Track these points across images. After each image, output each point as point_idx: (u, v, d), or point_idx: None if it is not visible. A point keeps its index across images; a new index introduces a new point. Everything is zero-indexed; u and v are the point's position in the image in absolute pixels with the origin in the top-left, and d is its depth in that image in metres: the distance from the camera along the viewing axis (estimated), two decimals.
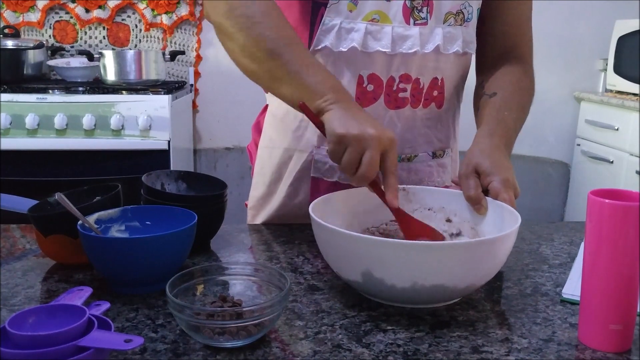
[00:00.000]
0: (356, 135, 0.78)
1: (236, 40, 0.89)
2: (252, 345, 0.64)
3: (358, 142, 0.78)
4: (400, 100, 1.00)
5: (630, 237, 0.62)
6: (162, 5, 2.71)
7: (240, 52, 0.90)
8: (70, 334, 0.55)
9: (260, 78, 0.91)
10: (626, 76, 2.69)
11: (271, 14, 0.89)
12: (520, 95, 1.05)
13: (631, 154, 2.52)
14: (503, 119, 0.99)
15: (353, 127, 0.79)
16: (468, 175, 0.88)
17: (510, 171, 0.89)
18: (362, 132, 0.78)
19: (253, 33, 0.87)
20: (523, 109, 1.05)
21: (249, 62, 0.89)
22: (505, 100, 1.02)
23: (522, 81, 1.07)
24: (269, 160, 1.10)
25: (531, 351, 0.65)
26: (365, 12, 0.95)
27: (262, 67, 0.88)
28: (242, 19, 0.88)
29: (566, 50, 2.95)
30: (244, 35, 0.88)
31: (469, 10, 1.00)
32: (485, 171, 0.87)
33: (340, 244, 0.73)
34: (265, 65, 0.88)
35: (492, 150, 0.91)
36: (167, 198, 0.92)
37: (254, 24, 0.88)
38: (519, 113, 1.02)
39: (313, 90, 0.84)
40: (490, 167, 0.88)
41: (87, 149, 2.23)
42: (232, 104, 2.83)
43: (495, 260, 0.73)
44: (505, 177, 0.86)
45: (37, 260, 0.90)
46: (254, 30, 0.87)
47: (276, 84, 0.89)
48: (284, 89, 0.88)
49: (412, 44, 0.96)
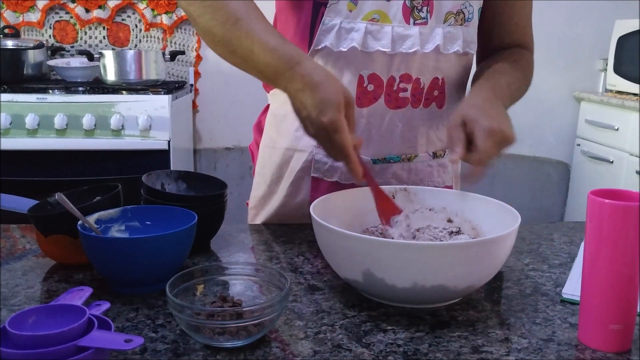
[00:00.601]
0: (311, 120, 0.82)
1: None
2: (252, 345, 0.64)
3: (314, 126, 0.82)
4: (401, 100, 1.00)
5: (630, 237, 0.62)
6: (162, 5, 2.71)
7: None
8: (70, 334, 0.55)
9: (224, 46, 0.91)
10: (626, 76, 2.69)
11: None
12: (515, 68, 1.04)
13: (631, 154, 2.52)
14: (496, 80, 0.99)
15: (304, 110, 0.82)
16: (454, 126, 0.88)
17: (497, 117, 0.88)
18: (310, 116, 0.82)
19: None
20: (518, 79, 1.03)
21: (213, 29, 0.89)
22: (499, 70, 1.02)
23: (519, 60, 1.07)
24: (269, 160, 1.10)
25: (531, 351, 0.65)
26: (365, 11, 0.95)
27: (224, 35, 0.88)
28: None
29: (566, 50, 2.95)
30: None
31: (469, 10, 1.00)
32: (469, 119, 0.87)
33: (340, 244, 0.74)
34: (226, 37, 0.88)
35: (480, 100, 0.91)
36: (167, 198, 0.92)
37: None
38: (513, 80, 1.02)
39: (267, 78, 0.87)
40: (473, 115, 0.87)
41: (87, 149, 2.23)
42: (232, 104, 2.83)
43: (495, 260, 0.73)
44: (488, 125, 0.85)
45: (37, 260, 0.90)
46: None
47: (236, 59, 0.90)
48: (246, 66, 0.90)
49: (412, 44, 0.96)
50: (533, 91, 1.11)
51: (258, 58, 0.84)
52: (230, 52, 0.88)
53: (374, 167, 1.03)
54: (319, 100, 0.80)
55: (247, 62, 0.87)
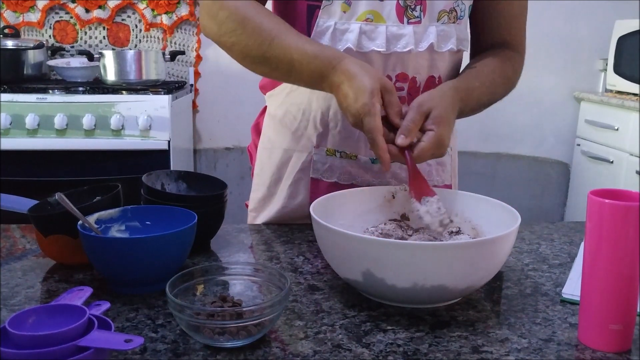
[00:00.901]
0: (349, 109, 0.85)
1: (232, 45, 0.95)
2: (252, 345, 0.64)
3: (352, 115, 0.85)
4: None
5: (630, 237, 0.62)
6: (162, 5, 2.71)
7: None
8: (70, 334, 0.55)
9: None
10: (626, 76, 2.69)
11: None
12: (498, 74, 1.03)
13: (631, 154, 2.52)
14: (471, 87, 0.98)
15: (344, 101, 0.86)
16: (418, 111, 0.88)
17: (451, 131, 0.89)
18: (349, 105, 0.85)
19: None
20: (495, 87, 1.03)
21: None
22: (481, 74, 1.01)
23: (504, 65, 1.06)
24: (268, 161, 1.10)
25: (531, 351, 0.65)
26: (358, 12, 0.95)
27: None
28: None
29: (566, 50, 2.95)
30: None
31: (461, 8, 1.00)
32: (433, 119, 0.87)
33: (340, 244, 0.74)
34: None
35: (451, 105, 0.91)
36: (167, 198, 0.92)
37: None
38: (489, 89, 1.01)
39: (312, 83, 0.91)
40: (438, 118, 0.87)
41: (87, 149, 2.23)
42: (232, 104, 2.83)
43: (495, 260, 0.73)
44: (442, 135, 0.87)
45: (37, 260, 0.90)
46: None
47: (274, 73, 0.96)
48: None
49: (407, 43, 0.96)
50: (533, 91, 1.11)
51: (301, 68, 0.89)
52: (273, 69, 0.94)
53: (373, 166, 1.03)
54: (355, 88, 0.84)
55: (291, 75, 0.92)
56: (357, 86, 0.84)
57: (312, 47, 0.89)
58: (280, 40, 0.90)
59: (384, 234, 0.88)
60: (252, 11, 0.93)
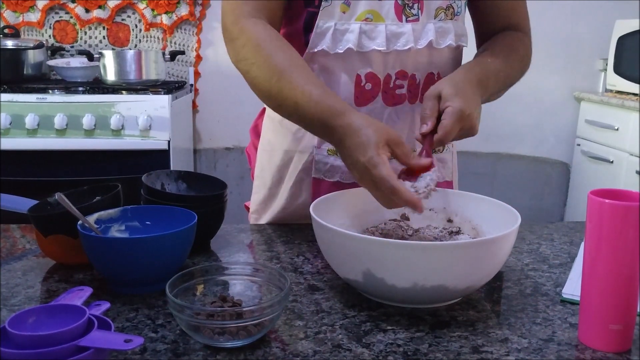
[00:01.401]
0: (354, 164, 0.80)
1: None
2: (252, 345, 0.64)
3: (358, 170, 0.80)
4: (398, 97, 1.01)
5: (630, 237, 0.62)
6: (162, 5, 2.71)
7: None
8: (70, 334, 0.55)
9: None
10: (626, 76, 2.69)
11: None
12: (509, 52, 1.04)
13: (631, 154, 2.52)
14: (484, 63, 0.98)
15: (349, 157, 0.81)
16: (430, 97, 0.88)
17: (472, 104, 0.87)
18: (354, 160, 0.80)
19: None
20: (510, 64, 1.02)
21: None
22: (493, 52, 1.02)
23: (514, 44, 1.06)
24: (268, 163, 1.10)
25: (531, 351, 0.65)
26: (358, 12, 0.95)
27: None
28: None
29: (566, 50, 2.95)
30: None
31: (458, 5, 1.01)
32: (445, 96, 0.87)
33: (340, 244, 0.74)
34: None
35: (463, 81, 0.91)
36: (167, 198, 0.92)
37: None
38: (504, 65, 1.01)
39: (315, 130, 0.88)
40: (450, 94, 0.87)
41: (87, 149, 2.23)
42: (232, 104, 2.83)
43: (495, 260, 0.73)
44: (460, 107, 0.85)
45: (37, 260, 0.90)
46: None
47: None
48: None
49: (406, 41, 0.97)
50: (533, 91, 1.12)
51: (304, 110, 0.85)
52: (278, 106, 0.91)
53: None
54: (359, 142, 0.79)
55: (293, 116, 0.89)
56: (360, 141, 0.79)
57: (316, 91, 0.85)
58: (287, 77, 0.87)
59: (384, 234, 0.88)
60: (266, 41, 0.90)
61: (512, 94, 1.10)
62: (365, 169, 0.78)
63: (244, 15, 0.93)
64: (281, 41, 0.92)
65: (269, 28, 0.93)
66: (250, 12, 0.93)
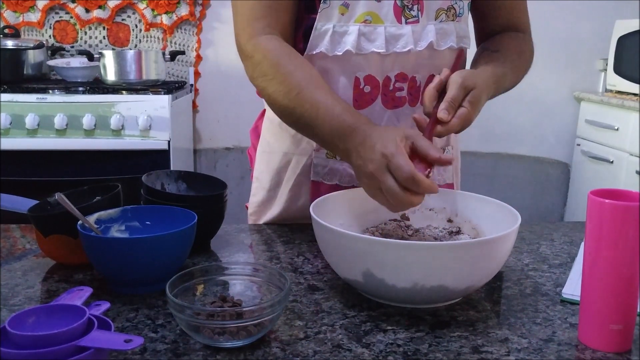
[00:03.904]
0: (367, 182, 0.80)
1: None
2: (252, 345, 0.64)
3: (373, 186, 0.80)
4: (398, 99, 1.00)
5: (630, 237, 0.62)
6: (162, 5, 2.71)
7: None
8: (70, 334, 0.55)
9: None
10: (626, 76, 2.69)
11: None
12: (519, 58, 1.05)
13: (631, 154, 2.52)
14: (498, 64, 0.99)
15: (359, 159, 0.81)
16: (455, 83, 0.87)
17: (480, 85, 0.89)
18: (365, 161, 0.79)
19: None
20: (518, 72, 1.05)
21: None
22: (506, 58, 1.02)
23: (522, 46, 1.08)
24: (267, 165, 1.10)
25: (531, 351, 0.65)
26: (357, 14, 0.94)
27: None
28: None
29: (566, 50, 2.95)
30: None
31: (460, 6, 1.00)
32: (469, 85, 0.87)
33: (340, 244, 0.74)
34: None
35: (475, 71, 0.93)
36: (167, 198, 0.92)
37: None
38: (512, 69, 1.02)
39: (330, 142, 0.88)
40: (459, 72, 0.89)
41: (87, 149, 2.23)
42: (232, 104, 2.83)
43: (495, 260, 0.73)
44: (478, 95, 0.87)
45: (37, 260, 0.90)
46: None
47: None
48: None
49: (406, 43, 0.96)
50: (533, 91, 1.12)
51: (323, 124, 0.86)
52: (295, 121, 0.91)
53: None
54: (374, 142, 0.79)
55: (311, 129, 0.89)
56: (374, 142, 0.79)
57: (338, 106, 0.86)
58: (308, 92, 0.87)
59: (384, 234, 0.88)
60: (285, 58, 0.91)
61: (512, 94, 1.10)
62: (384, 157, 0.76)
63: (258, 32, 0.93)
64: (298, 56, 0.93)
65: (284, 43, 0.93)
66: (264, 29, 0.93)
